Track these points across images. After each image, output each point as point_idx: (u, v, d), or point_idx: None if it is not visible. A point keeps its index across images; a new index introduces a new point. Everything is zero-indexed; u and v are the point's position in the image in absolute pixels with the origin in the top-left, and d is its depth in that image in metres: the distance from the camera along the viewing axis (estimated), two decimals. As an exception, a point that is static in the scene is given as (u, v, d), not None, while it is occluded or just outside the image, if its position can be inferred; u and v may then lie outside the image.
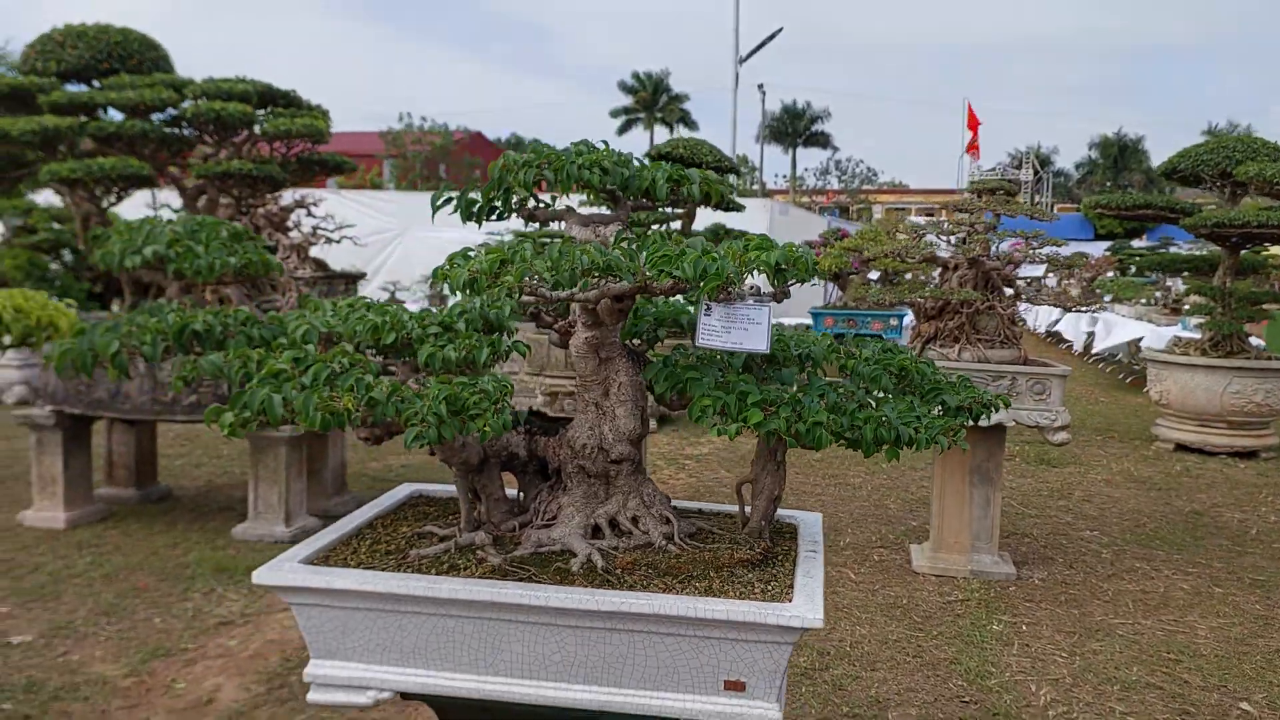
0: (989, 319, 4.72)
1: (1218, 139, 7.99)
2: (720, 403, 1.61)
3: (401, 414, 1.51)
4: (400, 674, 1.71)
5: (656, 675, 1.62)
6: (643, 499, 1.84)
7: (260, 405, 1.51)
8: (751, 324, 1.59)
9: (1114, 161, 53.10)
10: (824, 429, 1.57)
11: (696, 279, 1.48)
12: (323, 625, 1.71)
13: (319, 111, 5.43)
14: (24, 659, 3.60)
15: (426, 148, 27.89)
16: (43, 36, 5.52)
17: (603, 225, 1.78)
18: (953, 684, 3.54)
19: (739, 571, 1.71)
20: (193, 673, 3.53)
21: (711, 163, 6.87)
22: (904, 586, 4.54)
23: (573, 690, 1.66)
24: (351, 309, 1.84)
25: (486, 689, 1.68)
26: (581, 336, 1.81)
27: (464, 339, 1.70)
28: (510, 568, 1.70)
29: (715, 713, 1.62)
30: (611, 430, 1.82)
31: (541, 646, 1.65)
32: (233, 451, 7.15)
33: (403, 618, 1.68)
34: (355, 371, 1.56)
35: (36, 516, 5.19)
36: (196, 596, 4.25)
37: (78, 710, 3.24)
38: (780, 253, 1.53)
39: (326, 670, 1.74)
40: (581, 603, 1.58)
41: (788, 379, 1.78)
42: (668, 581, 1.66)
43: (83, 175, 4.76)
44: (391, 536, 1.90)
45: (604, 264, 1.50)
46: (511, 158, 1.70)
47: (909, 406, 1.67)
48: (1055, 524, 5.65)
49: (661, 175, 1.73)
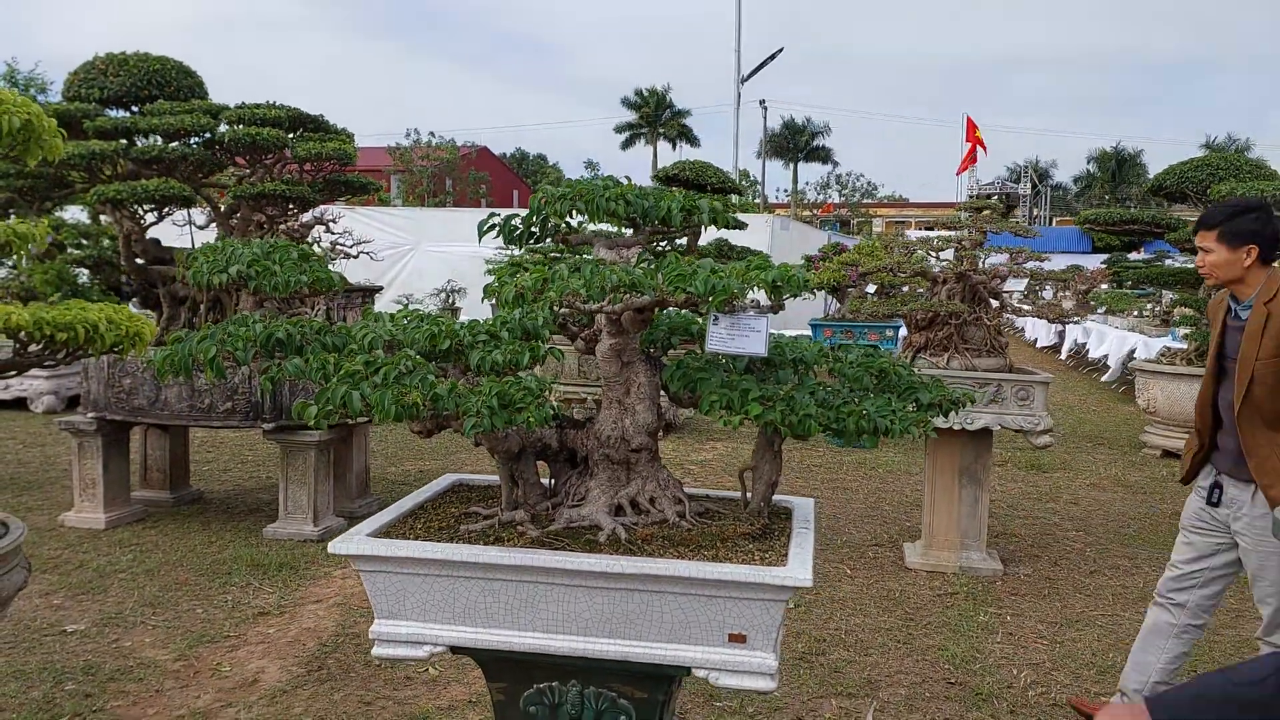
0: (976, 329, 5.02)
1: (1202, 157, 8.30)
2: (726, 398, 1.91)
3: (460, 407, 1.81)
4: (452, 631, 2.00)
5: (671, 629, 1.92)
6: (659, 483, 2.14)
7: (341, 400, 1.82)
8: (753, 332, 1.90)
9: (1112, 175, 53.47)
10: (813, 420, 1.86)
11: (707, 294, 1.78)
12: (386, 589, 2.01)
13: (346, 135, 5.76)
14: (80, 645, 3.89)
15: (434, 163, 28.29)
16: (85, 65, 5.86)
17: (625, 248, 2.09)
18: (940, 668, 3.82)
19: (741, 543, 2.01)
20: (236, 657, 3.82)
21: (716, 184, 7.19)
22: (897, 581, 4.82)
23: (599, 643, 1.95)
24: (408, 320, 2.15)
25: (525, 643, 1.97)
26: (607, 343, 2.12)
27: (507, 345, 2.00)
28: (546, 539, 2.00)
29: (721, 661, 1.92)
30: (632, 424, 2.12)
31: (573, 605, 1.94)
32: (258, 456, 7.45)
33: (454, 582, 1.97)
34: (420, 372, 1.86)
35: (78, 517, 5.49)
36: (234, 590, 4.54)
37: (133, 690, 3.53)
38: (777, 271, 1.84)
39: (388, 629, 2.03)
40: (608, 566, 1.88)
41: (783, 379, 2.07)
42: (680, 550, 1.95)
43: (128, 196, 5.09)
44: (441, 517, 2.20)
45: (629, 281, 1.80)
46: (549, 191, 2.00)
47: (886, 402, 1.97)
48: (1043, 525, 5.94)
49: (676, 205, 2.03)
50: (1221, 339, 3.04)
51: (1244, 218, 2.90)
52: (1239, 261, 2.91)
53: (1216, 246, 2.93)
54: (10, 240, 2.57)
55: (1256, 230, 2.89)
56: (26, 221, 2.65)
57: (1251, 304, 2.92)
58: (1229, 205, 3.00)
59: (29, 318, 2.27)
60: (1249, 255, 2.90)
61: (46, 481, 6.54)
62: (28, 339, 2.36)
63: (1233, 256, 2.91)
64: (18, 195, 6.21)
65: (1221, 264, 2.93)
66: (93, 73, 5.69)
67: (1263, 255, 2.91)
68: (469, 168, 31.97)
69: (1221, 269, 2.94)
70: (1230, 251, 2.90)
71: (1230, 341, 3.00)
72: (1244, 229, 2.89)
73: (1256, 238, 2.89)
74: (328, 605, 4.38)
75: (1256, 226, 2.89)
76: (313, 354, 1.99)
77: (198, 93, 5.81)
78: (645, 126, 51.78)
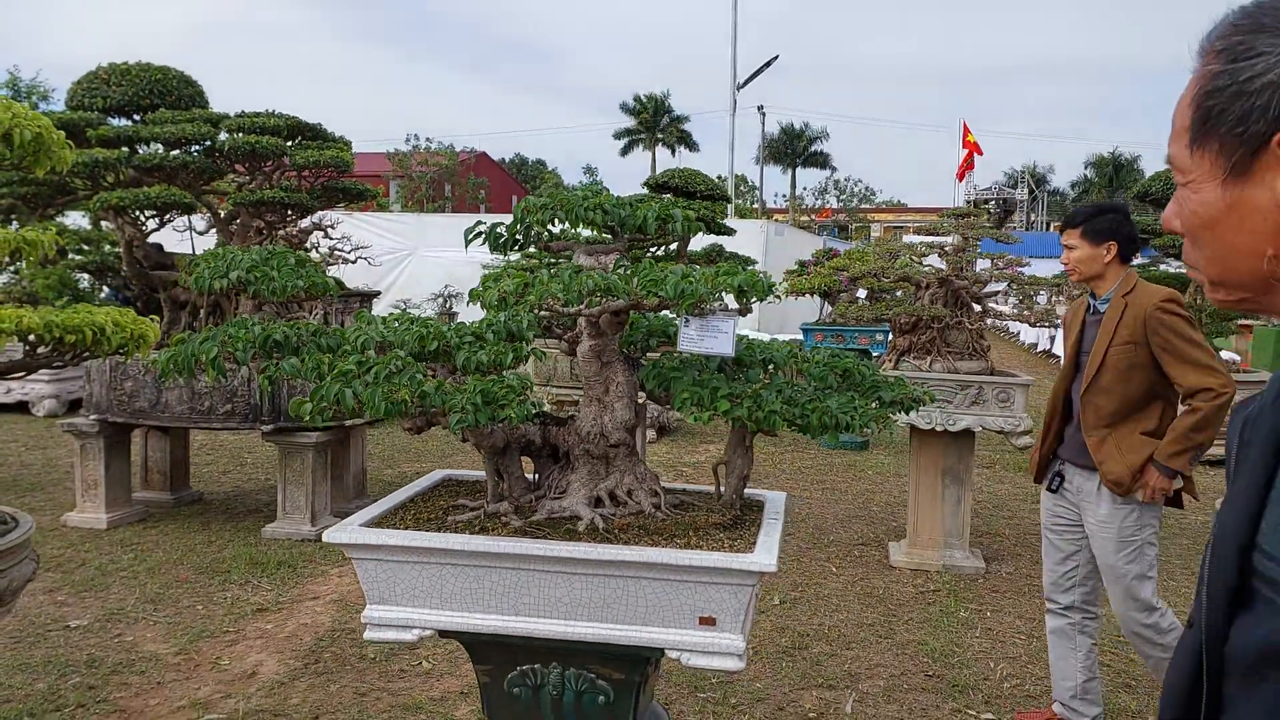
0: (958, 333, 5.14)
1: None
2: (697, 395, 2.03)
3: (446, 404, 1.93)
4: (439, 615, 2.12)
5: (645, 613, 2.03)
6: (636, 476, 2.26)
7: (335, 397, 1.94)
8: (720, 333, 2.02)
9: (1109, 180, 53.68)
10: (778, 416, 1.98)
11: (677, 297, 1.90)
12: (378, 576, 2.12)
13: (344, 143, 5.88)
14: (83, 639, 4.01)
15: (432, 169, 28.45)
16: (88, 75, 5.99)
17: (604, 254, 2.21)
18: (919, 661, 3.93)
19: (713, 532, 2.12)
20: (235, 651, 3.94)
21: (705, 191, 7.33)
22: (881, 579, 4.94)
23: (578, 626, 2.07)
24: (399, 322, 2.27)
25: (509, 626, 2.09)
26: (586, 345, 2.24)
27: (492, 346, 2.12)
28: (529, 529, 2.12)
29: (693, 643, 2.03)
30: (611, 420, 2.24)
31: (553, 591, 2.06)
32: (256, 459, 7.57)
33: (442, 569, 2.09)
34: (409, 371, 1.98)
35: (80, 518, 5.60)
36: (233, 587, 4.66)
37: (135, 682, 3.64)
38: (743, 277, 1.96)
39: (380, 613, 2.15)
40: (586, 554, 1.99)
41: (753, 379, 2.20)
42: (655, 539, 2.07)
43: (130, 203, 5.21)
44: (430, 509, 2.32)
45: (605, 286, 1.92)
46: (532, 202, 2.13)
47: (849, 399, 2.09)
48: (1027, 525, 6.05)
49: (651, 214, 2.16)
50: (1080, 335, 3.23)
51: (1104, 217, 3.13)
52: (1100, 257, 3.12)
53: (1080, 243, 3.14)
54: (20, 247, 2.69)
55: (1115, 229, 3.11)
56: (36, 228, 2.77)
57: (1110, 298, 3.13)
58: (1092, 206, 3.24)
59: (39, 320, 2.39)
60: (1109, 251, 3.11)
61: (49, 483, 6.65)
62: (37, 341, 2.48)
63: (1095, 252, 3.12)
64: (21, 202, 6.34)
65: (1085, 259, 3.13)
66: (96, 82, 5.82)
67: (1121, 253, 3.13)
68: (468, 173, 32.12)
69: (1085, 264, 3.14)
70: (1093, 247, 3.12)
71: (1088, 336, 3.19)
72: (1104, 227, 3.10)
73: (1116, 235, 3.10)
74: (324, 602, 4.49)
75: (1115, 225, 3.12)
76: (308, 354, 2.11)
77: (198, 102, 5.94)
78: (644, 132, 52.00)
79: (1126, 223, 3.16)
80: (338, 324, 6.54)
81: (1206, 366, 2.94)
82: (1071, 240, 3.15)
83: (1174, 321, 2.97)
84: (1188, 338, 2.96)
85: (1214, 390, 2.91)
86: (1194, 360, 2.95)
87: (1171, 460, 2.97)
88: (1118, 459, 3.04)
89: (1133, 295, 3.06)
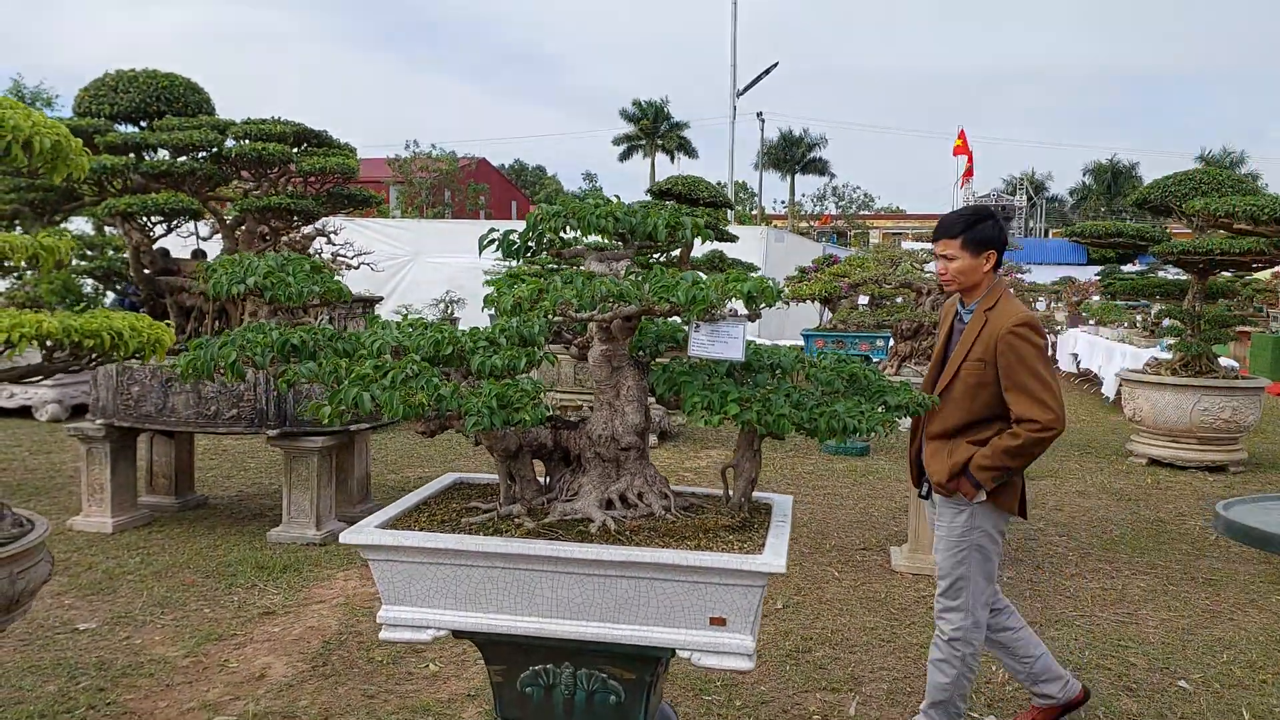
0: (960, 339, 5.18)
1: (1186, 171, 8.49)
2: (707, 399, 2.07)
3: (462, 407, 1.97)
4: (454, 616, 2.16)
5: (657, 613, 2.07)
6: (646, 479, 2.30)
7: (353, 400, 1.98)
8: (731, 338, 2.06)
9: (1108, 187, 53.84)
10: (786, 419, 2.02)
11: (688, 303, 1.94)
12: (393, 577, 2.16)
13: (349, 150, 5.94)
14: (91, 643, 4.04)
15: (433, 175, 28.52)
16: (96, 81, 6.04)
17: (615, 260, 2.25)
18: (921, 665, 3.95)
19: (722, 534, 2.16)
20: (243, 654, 3.96)
21: (708, 198, 7.38)
22: (883, 583, 4.97)
23: (590, 626, 2.10)
24: (412, 327, 2.31)
25: (522, 627, 2.13)
26: (598, 350, 2.28)
27: (505, 351, 2.16)
28: (542, 530, 2.16)
29: (703, 643, 2.07)
30: (621, 424, 2.28)
31: (566, 591, 2.09)
32: (259, 464, 7.60)
33: (457, 569, 2.13)
34: (425, 375, 2.02)
35: (86, 521, 5.63)
36: (240, 591, 4.69)
37: (145, 684, 3.67)
38: (752, 283, 2.00)
39: (395, 614, 2.19)
40: (599, 555, 2.03)
41: (761, 383, 2.24)
42: (666, 541, 2.11)
43: (139, 209, 5.26)
44: (444, 511, 2.36)
45: (618, 292, 1.96)
46: (544, 209, 2.17)
47: (856, 404, 2.13)
48: (1027, 530, 6.09)
49: (661, 222, 2.20)
50: (948, 339, 3.17)
51: (983, 225, 3.03)
52: (980, 267, 3.04)
53: (960, 253, 3.02)
54: (38, 253, 2.73)
55: (994, 237, 3.04)
56: (52, 235, 2.81)
57: (974, 309, 3.07)
58: (966, 214, 3.13)
59: (58, 325, 2.43)
60: (988, 261, 3.05)
61: (53, 487, 6.68)
62: (55, 345, 2.52)
63: (975, 262, 3.03)
64: (29, 207, 6.37)
65: (966, 269, 3.04)
66: (103, 89, 5.87)
67: (998, 261, 3.09)
68: (468, 179, 32.20)
69: (965, 274, 3.06)
70: (973, 257, 3.02)
71: (954, 340, 3.14)
72: (985, 235, 3.02)
73: (995, 244, 3.04)
74: (331, 605, 4.52)
75: (994, 233, 3.04)
76: (325, 359, 2.15)
77: (205, 108, 5.99)
78: (644, 139, 52.14)
79: (1001, 229, 3.09)
80: (340, 329, 6.58)
81: (1038, 400, 2.89)
82: (950, 250, 3.01)
83: (1021, 347, 2.91)
84: (1030, 367, 2.91)
85: (1039, 423, 2.87)
86: (1029, 390, 2.90)
87: (979, 472, 2.95)
88: (943, 460, 3.03)
89: (993, 312, 3.00)
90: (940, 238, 3.06)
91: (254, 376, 5.23)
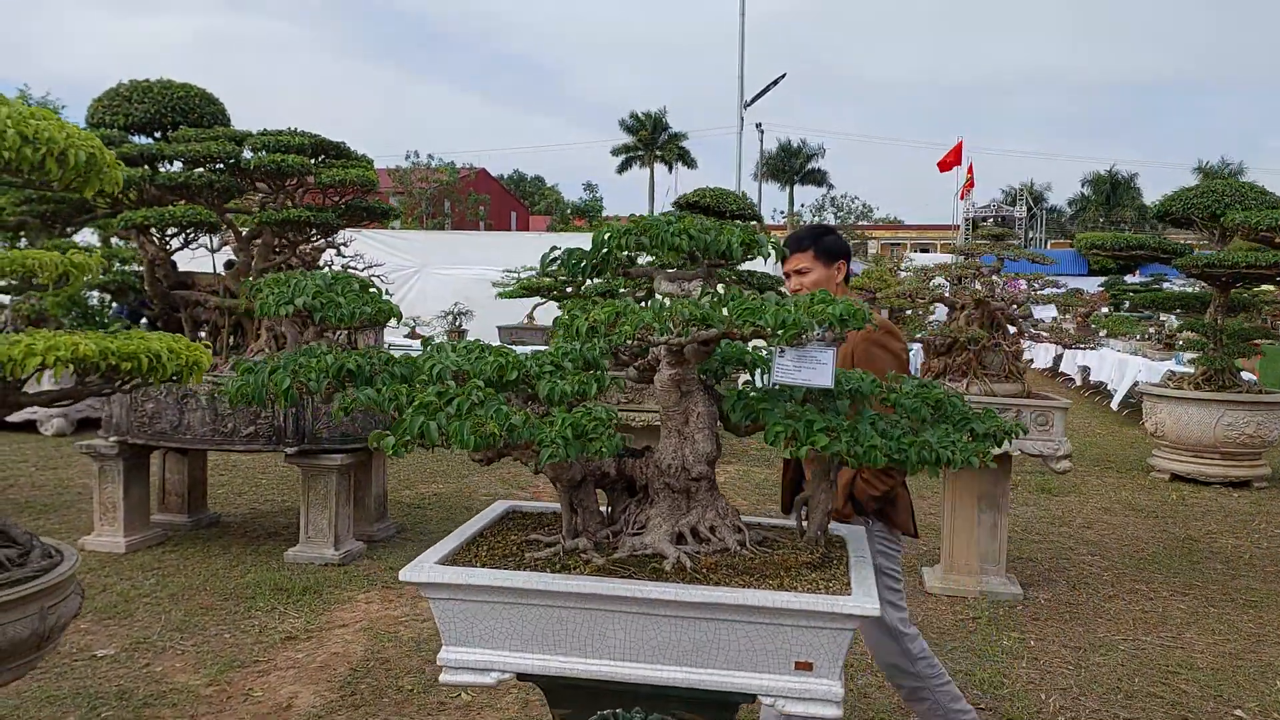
0: (994, 355, 5.08)
1: (1208, 183, 8.41)
2: (790, 429, 1.95)
3: (534, 437, 1.85)
4: (519, 658, 2.03)
5: (738, 657, 1.95)
6: (718, 511, 2.18)
7: (419, 430, 1.85)
8: (819, 364, 1.95)
9: (1106, 198, 53.92)
10: (878, 451, 1.91)
11: (777, 328, 1.83)
12: (456, 616, 2.03)
13: (367, 161, 5.82)
14: (111, 670, 3.90)
15: (433, 185, 28.44)
16: (109, 91, 5.92)
17: (686, 280, 2.14)
18: (968, 694, 3.84)
19: (803, 572, 2.04)
20: (268, 682, 3.83)
21: (736, 211, 7.26)
22: (918, 606, 4.84)
23: (666, 670, 1.98)
24: (470, 351, 2.19)
25: (591, 670, 2.00)
26: (666, 374, 2.16)
27: (573, 375, 2.04)
28: (612, 567, 2.03)
29: (788, 689, 1.94)
30: (691, 452, 2.16)
31: (640, 633, 1.97)
32: (271, 480, 7.46)
33: (523, 609, 2.00)
34: (493, 403, 1.90)
35: (98, 541, 5.49)
36: (259, 614, 4.55)
37: (169, 715, 3.53)
38: (843, 306, 1.89)
39: (457, 655, 2.05)
40: (678, 595, 1.91)
41: (841, 410, 2.12)
42: (745, 579, 1.99)
43: (155, 221, 5.13)
44: (503, 544, 2.23)
45: (700, 316, 1.85)
46: (614, 228, 2.06)
47: (945, 433, 2.02)
48: (1058, 549, 5.97)
49: (736, 240, 2.09)
50: None
51: (830, 237, 3.07)
52: (834, 278, 3.04)
53: (814, 265, 3.03)
54: (69, 270, 2.61)
55: (843, 248, 3.08)
56: (83, 251, 2.69)
57: None
58: (812, 228, 3.15)
59: (95, 348, 2.31)
60: (839, 271, 3.05)
61: (62, 504, 6.54)
62: (90, 368, 2.39)
63: (829, 273, 3.04)
64: (40, 219, 6.24)
65: (821, 281, 3.02)
66: (117, 99, 5.75)
67: (847, 272, 3.10)
68: (468, 189, 32.13)
69: (821, 286, 3.00)
70: (826, 269, 3.03)
71: None
72: (834, 246, 3.04)
73: (844, 254, 3.07)
74: (354, 630, 4.38)
75: (842, 244, 3.08)
76: (384, 385, 2.02)
77: (220, 119, 5.87)
78: (643, 149, 52.15)
79: (847, 242, 3.14)
80: (352, 344, 6.45)
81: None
82: (803, 263, 3.01)
83: (875, 352, 2.91)
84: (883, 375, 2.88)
85: None
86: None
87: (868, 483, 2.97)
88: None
89: None
90: (793, 252, 3.06)
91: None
